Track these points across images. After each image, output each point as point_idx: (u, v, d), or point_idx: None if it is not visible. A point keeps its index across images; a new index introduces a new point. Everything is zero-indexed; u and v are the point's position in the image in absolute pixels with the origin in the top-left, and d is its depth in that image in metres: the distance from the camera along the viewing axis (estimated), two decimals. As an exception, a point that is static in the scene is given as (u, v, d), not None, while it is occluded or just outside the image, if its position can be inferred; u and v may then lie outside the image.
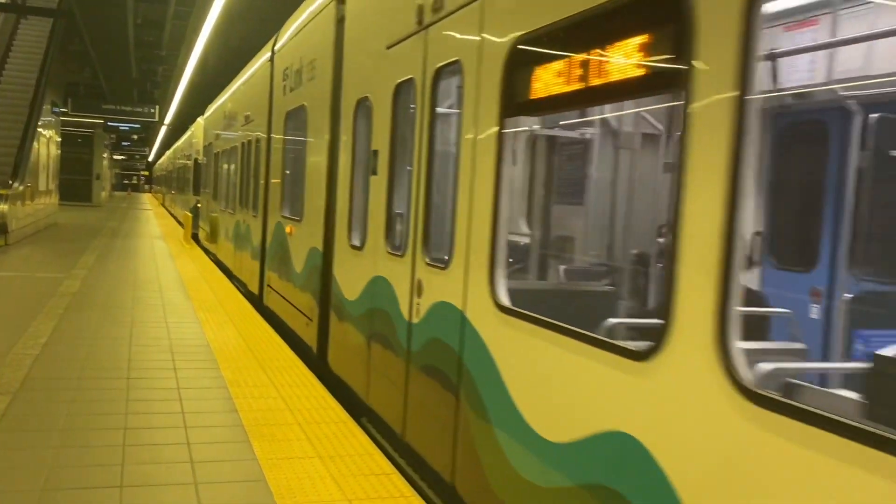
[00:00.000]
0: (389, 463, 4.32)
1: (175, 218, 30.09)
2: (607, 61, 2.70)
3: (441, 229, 4.14)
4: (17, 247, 14.97)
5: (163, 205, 44.77)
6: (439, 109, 4.29)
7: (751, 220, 2.40)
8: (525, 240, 5.05)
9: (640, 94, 3.33)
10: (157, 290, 10.20)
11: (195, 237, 19.03)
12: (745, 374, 2.01)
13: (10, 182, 15.80)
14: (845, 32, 3.96)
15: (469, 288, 3.67)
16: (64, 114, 24.44)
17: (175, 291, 10.22)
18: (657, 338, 2.32)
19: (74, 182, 35.98)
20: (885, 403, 1.93)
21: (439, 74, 4.20)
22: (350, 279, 5.72)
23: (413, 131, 4.52)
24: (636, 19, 2.60)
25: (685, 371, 2.21)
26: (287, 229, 8.20)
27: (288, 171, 8.57)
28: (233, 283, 11.52)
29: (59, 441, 4.32)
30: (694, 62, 2.24)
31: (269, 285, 9.22)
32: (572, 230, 5.21)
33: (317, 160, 7.00)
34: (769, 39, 4.13)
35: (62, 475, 3.85)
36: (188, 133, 26.75)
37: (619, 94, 3.13)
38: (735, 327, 2.07)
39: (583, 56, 2.84)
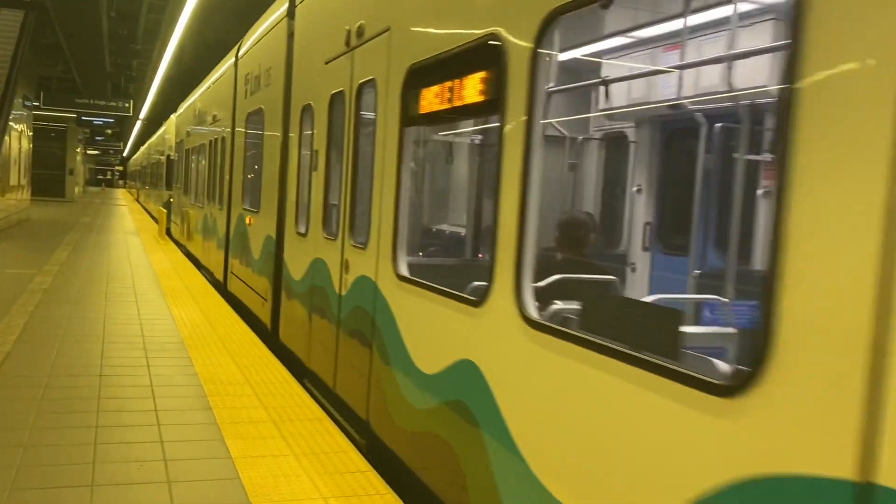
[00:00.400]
0: (365, 461, 4.30)
1: (149, 213, 29.85)
2: (461, 89, 3.63)
3: (363, 217, 5.00)
4: (-13, 242, 14.76)
5: (137, 200, 44.47)
6: (362, 117, 5.15)
7: (535, 215, 3.04)
8: (422, 225, 6.25)
9: (481, 114, 4.31)
10: (130, 287, 10.09)
11: (169, 233, 18.86)
12: (531, 313, 2.96)
13: (-19, 176, 15.56)
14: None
15: (379, 263, 4.57)
16: (36, 108, 24.09)
17: (149, 287, 10.12)
18: (484, 294, 3.30)
19: (47, 177, 35.51)
20: (625, 329, 2.64)
21: (361, 89, 5.10)
22: (296, 262, 6.60)
23: (343, 135, 5.41)
24: (473, 61, 3.49)
25: (499, 314, 3.18)
26: (247, 220, 9.00)
27: (248, 168, 9.40)
28: (202, 273, 11.91)
29: (28, 439, 4.25)
30: (505, 94, 3.12)
31: (232, 272, 10.00)
32: (455, 219, 6.51)
33: (271, 158, 7.81)
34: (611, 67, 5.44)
35: (32, 474, 3.79)
36: (161, 129, 27.47)
37: (469, 114, 4.24)
38: (527, 285, 3.03)
39: (448, 83, 3.76)
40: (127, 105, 24.31)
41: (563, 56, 5.04)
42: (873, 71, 1.69)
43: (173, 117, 21.53)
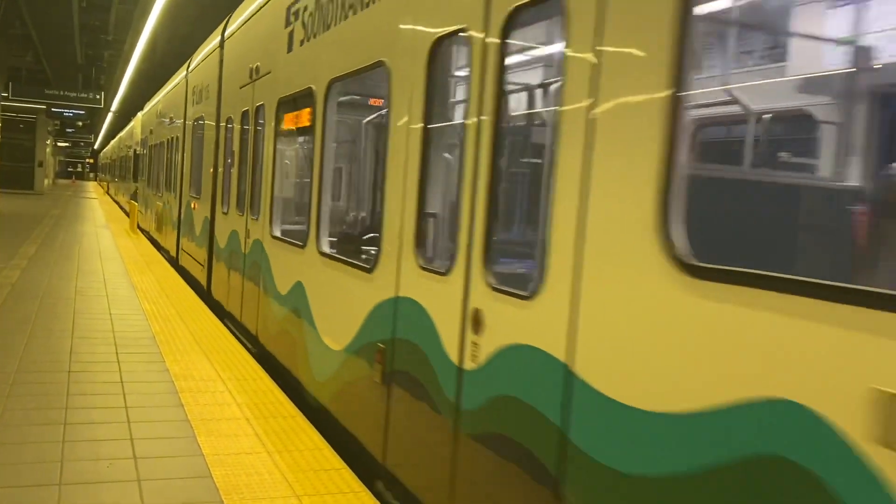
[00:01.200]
0: (339, 458, 4.26)
1: (120, 206, 29.49)
2: (301, 116, 5.88)
3: (257, 199, 7.03)
4: (-47, 235, 14.50)
5: (107, 193, 43.99)
6: (258, 128, 7.17)
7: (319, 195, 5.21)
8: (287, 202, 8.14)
9: (309, 132, 5.77)
10: (100, 281, 9.95)
11: (140, 227, 18.64)
12: (325, 250, 4.77)
13: (-53, 168, 15.26)
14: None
15: (265, 228, 6.64)
16: (4, 99, 23.69)
17: (120, 282, 9.98)
18: (306, 241, 5.29)
19: (16, 169, 34.97)
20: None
21: (258, 109, 7.21)
22: (222, 234, 8.72)
23: (248, 140, 7.61)
24: (306, 100, 5.61)
25: (313, 253, 5.12)
26: (192, 205, 10.92)
27: (194, 163, 11.14)
28: (161, 254, 13.62)
29: (-6, 437, 4.16)
30: (317, 121, 5.31)
31: (182, 249, 11.88)
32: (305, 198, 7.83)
33: (208, 155, 9.85)
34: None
35: (-3, 473, 3.71)
36: (129, 126, 29.01)
37: (305, 131, 5.99)
38: (324, 238, 5.09)
39: (295, 112, 6.03)
40: (98, 97, 23.97)
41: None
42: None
43: (140, 115, 22.90)
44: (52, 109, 34.50)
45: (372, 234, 5.30)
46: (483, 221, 3.19)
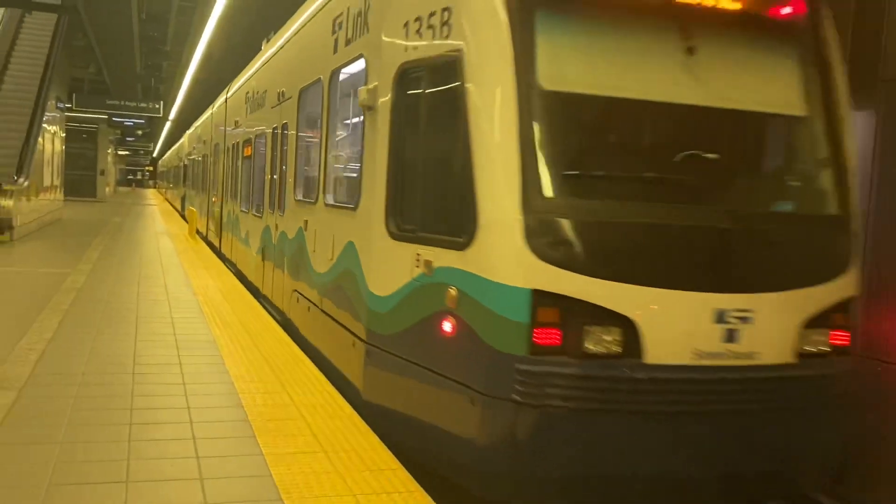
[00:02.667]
0: (395, 459, 4.31)
1: (179, 213, 30.22)
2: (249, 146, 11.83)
3: (236, 189, 12.67)
4: (21, 242, 15.00)
5: (166, 199, 44.99)
6: (240, 154, 12.40)
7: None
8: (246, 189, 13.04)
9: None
10: (161, 285, 10.21)
11: (199, 232, 19.06)
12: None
13: (15, 178, 15.80)
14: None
15: (243, 209, 11.91)
16: (69, 109, 24.43)
17: (180, 286, 10.23)
18: (260, 209, 10.24)
19: (79, 178, 36.03)
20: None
21: (238, 144, 12.74)
22: (227, 214, 13.88)
23: (240, 161, 12.22)
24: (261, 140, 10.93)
25: (267, 217, 9.78)
26: (213, 199, 16.48)
27: (223, 172, 15.16)
28: (204, 242, 17.84)
29: (64, 436, 4.32)
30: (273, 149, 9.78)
31: (218, 234, 15.93)
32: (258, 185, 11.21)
33: (226, 168, 14.51)
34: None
35: (68, 470, 3.85)
36: (179, 142, 34.92)
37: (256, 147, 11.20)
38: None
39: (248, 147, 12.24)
40: (157, 106, 24.58)
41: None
42: None
43: (187, 133, 27.41)
44: (114, 119, 35.49)
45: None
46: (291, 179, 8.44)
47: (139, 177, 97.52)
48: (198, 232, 18.36)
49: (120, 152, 62.11)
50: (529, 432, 3.94)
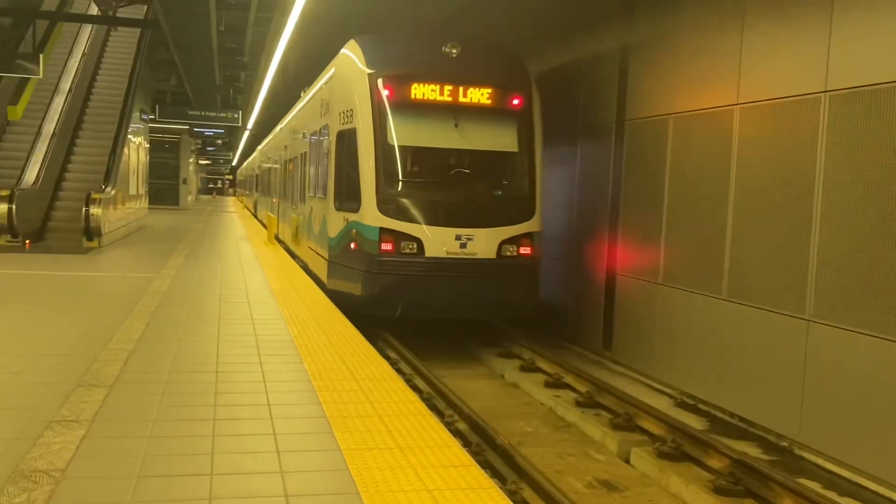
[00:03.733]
0: (468, 455, 4.35)
1: (258, 219, 31.09)
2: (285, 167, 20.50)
3: (284, 192, 19.13)
4: (109, 248, 15.61)
5: (245, 207, 46.29)
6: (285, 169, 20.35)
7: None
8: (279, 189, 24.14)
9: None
10: (242, 288, 10.50)
11: (278, 238, 19.53)
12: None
13: (103, 187, 16.47)
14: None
15: (293, 205, 17.75)
16: (152, 120, 25.31)
17: (259, 288, 10.50)
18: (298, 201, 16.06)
19: (163, 186, 37.31)
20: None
21: (285, 162, 21.12)
22: (282, 209, 19.77)
23: (286, 173, 19.31)
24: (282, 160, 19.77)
25: (298, 207, 16.46)
26: (275, 200, 22.22)
27: (279, 180, 20.83)
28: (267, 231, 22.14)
29: (152, 431, 4.50)
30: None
31: (276, 223, 21.22)
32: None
33: (280, 178, 20.10)
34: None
35: (156, 463, 4.01)
36: (252, 155, 44.59)
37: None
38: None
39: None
40: (235, 116, 25.24)
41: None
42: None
43: (258, 148, 38.45)
44: (194, 129, 36.61)
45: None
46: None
47: (219, 185, 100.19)
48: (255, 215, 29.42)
49: (201, 161, 63.98)
50: (380, 285, 9.93)
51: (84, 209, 15.31)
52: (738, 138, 8.61)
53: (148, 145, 25.13)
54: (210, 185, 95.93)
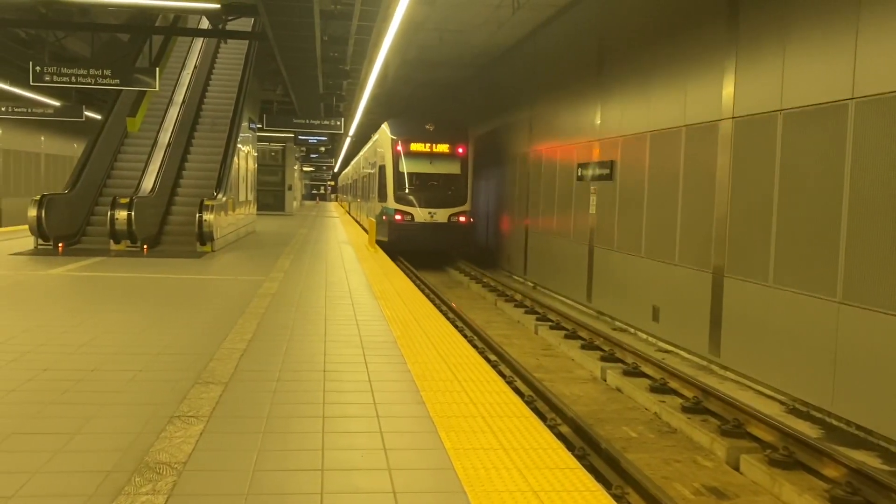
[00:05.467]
0: (573, 458, 4.33)
1: (360, 224, 31.91)
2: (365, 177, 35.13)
3: (363, 195, 34.28)
4: (221, 253, 16.24)
5: (348, 213, 47.79)
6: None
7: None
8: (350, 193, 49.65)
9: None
10: (346, 291, 10.74)
11: (379, 242, 19.94)
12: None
13: (215, 194, 17.15)
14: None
15: (361, 203, 36.06)
16: (259, 129, 26.19)
17: (362, 291, 10.72)
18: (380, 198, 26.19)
19: (270, 192, 38.56)
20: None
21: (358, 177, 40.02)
22: (358, 203, 37.76)
23: (360, 182, 36.72)
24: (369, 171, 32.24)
25: (374, 203, 28.91)
26: (366, 204, 30.76)
27: (361, 187, 35.32)
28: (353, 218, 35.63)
29: (265, 427, 4.66)
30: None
31: (356, 216, 36.66)
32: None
33: (361, 186, 34.86)
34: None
35: (270, 458, 4.16)
36: (348, 168, 56.98)
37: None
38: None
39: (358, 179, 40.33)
40: (338, 123, 25.78)
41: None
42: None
43: (351, 163, 51.37)
44: (299, 137, 37.63)
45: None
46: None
47: (322, 191, 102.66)
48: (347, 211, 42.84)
49: (305, 168, 65.80)
50: (395, 235, 22.66)
51: (197, 215, 15.96)
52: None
53: (256, 153, 26.02)
54: (313, 191, 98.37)
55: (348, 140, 49.40)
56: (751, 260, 10.17)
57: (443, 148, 23.27)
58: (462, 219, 22.96)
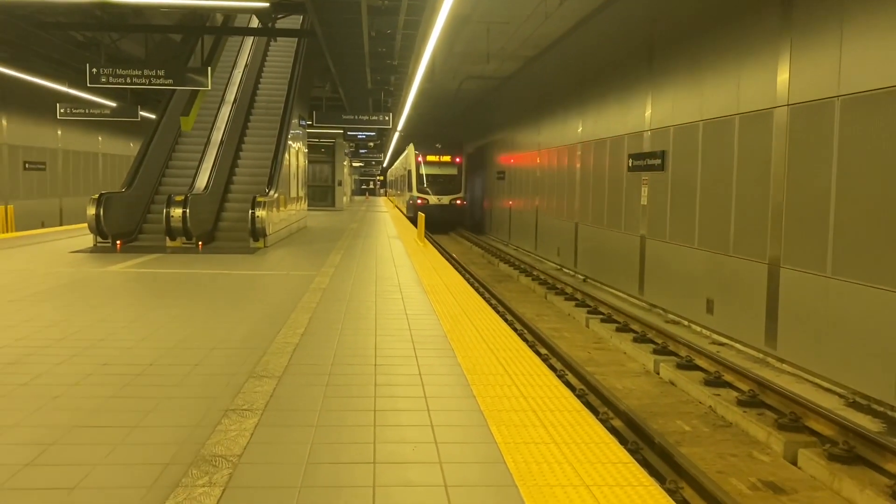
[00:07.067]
0: (626, 452, 4.28)
1: (403, 212, 32.97)
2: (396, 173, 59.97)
3: (399, 189, 50.75)
4: (273, 248, 16.46)
5: (396, 207, 48.98)
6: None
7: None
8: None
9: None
10: (395, 285, 10.79)
11: (428, 236, 19.93)
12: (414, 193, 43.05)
13: (267, 190, 17.38)
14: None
15: (399, 195, 51.29)
16: (309, 126, 26.43)
17: (412, 285, 10.76)
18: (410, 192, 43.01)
19: (320, 188, 38.96)
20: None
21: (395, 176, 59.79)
22: (396, 195, 53.79)
23: (397, 181, 55.78)
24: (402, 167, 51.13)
25: (414, 195, 42.75)
26: (399, 193, 48.42)
27: (398, 183, 51.52)
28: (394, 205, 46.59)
29: (318, 420, 4.72)
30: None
31: (396, 205, 48.29)
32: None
33: (398, 181, 51.33)
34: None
35: (323, 451, 4.21)
36: (397, 160, 60.83)
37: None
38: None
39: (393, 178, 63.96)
40: (386, 118, 25.89)
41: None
42: None
43: (393, 165, 63.65)
44: (348, 133, 37.96)
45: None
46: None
47: (371, 186, 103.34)
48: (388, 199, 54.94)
49: (354, 164, 66.31)
50: (414, 209, 35.64)
51: (250, 212, 16.20)
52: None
53: (306, 150, 26.27)
54: (363, 186, 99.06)
55: (396, 135, 49.70)
56: (808, 250, 9.94)
57: (447, 158, 38.93)
58: (458, 202, 38.81)
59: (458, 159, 39.02)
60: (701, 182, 13.15)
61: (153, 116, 22.37)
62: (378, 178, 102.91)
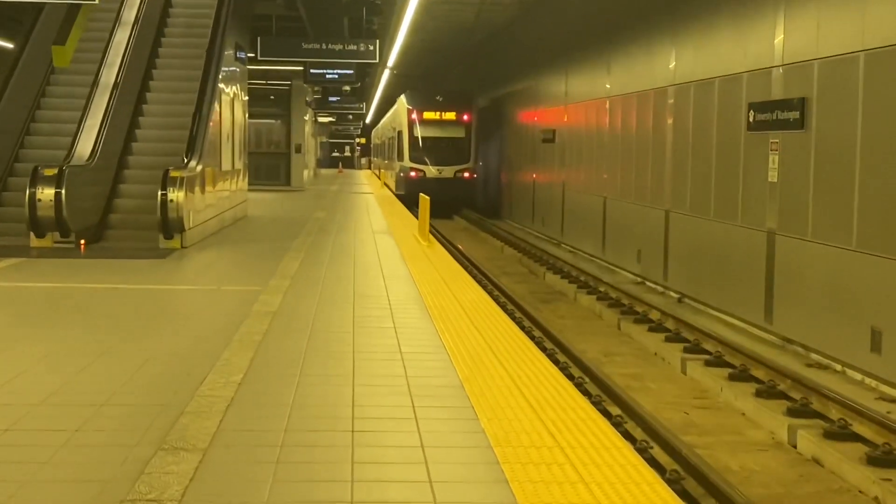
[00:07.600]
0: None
1: (387, 187, 32.37)
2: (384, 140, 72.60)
3: (386, 156, 66.01)
4: (197, 249, 16.44)
5: (385, 185, 50.20)
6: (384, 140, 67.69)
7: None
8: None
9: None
10: (384, 307, 10.78)
11: (433, 231, 19.87)
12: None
13: (185, 161, 17.13)
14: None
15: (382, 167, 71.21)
16: (252, 60, 26.00)
17: (410, 308, 10.74)
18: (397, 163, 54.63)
19: (268, 158, 38.63)
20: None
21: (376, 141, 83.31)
22: (382, 165, 72.11)
23: (384, 146, 68.77)
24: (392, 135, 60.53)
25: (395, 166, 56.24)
26: (387, 162, 62.47)
27: (383, 149, 68.14)
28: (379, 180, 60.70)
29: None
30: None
31: (385, 182, 61.91)
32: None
33: (386, 147, 64.53)
34: None
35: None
36: (378, 125, 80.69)
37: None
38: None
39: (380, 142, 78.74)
40: (371, 48, 25.77)
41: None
42: None
43: (380, 122, 79.29)
44: (311, 71, 37.47)
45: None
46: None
47: (347, 153, 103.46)
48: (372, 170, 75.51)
49: (321, 119, 66.33)
50: (408, 188, 44.67)
51: (160, 194, 15.94)
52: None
53: (247, 97, 25.88)
54: (334, 154, 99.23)
55: (386, 75, 49.91)
56: None
57: (450, 115, 46.36)
58: (466, 174, 46.28)
59: (466, 116, 46.29)
60: (861, 148, 13.05)
61: (9, 46, 22.38)
62: (358, 141, 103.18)
